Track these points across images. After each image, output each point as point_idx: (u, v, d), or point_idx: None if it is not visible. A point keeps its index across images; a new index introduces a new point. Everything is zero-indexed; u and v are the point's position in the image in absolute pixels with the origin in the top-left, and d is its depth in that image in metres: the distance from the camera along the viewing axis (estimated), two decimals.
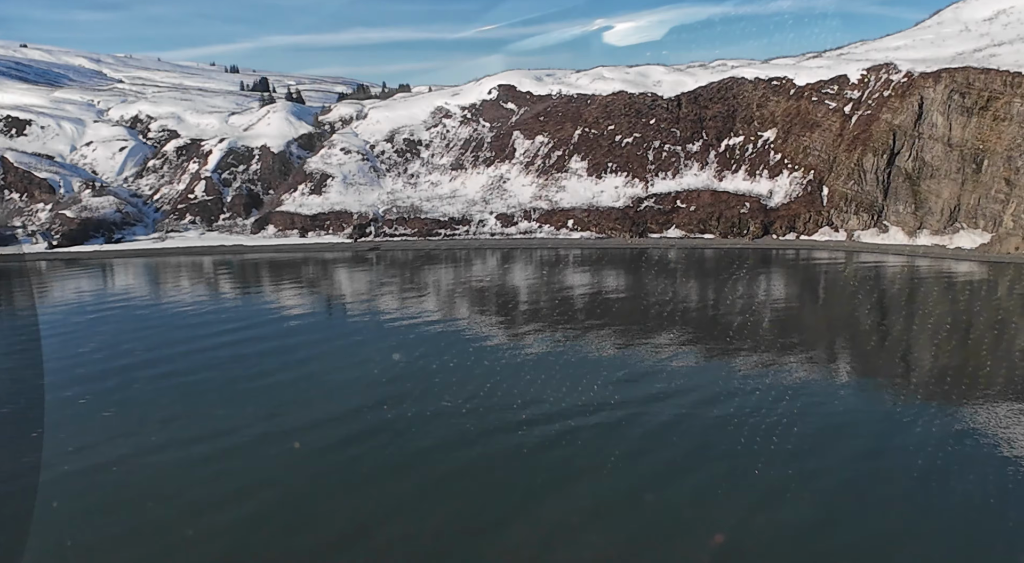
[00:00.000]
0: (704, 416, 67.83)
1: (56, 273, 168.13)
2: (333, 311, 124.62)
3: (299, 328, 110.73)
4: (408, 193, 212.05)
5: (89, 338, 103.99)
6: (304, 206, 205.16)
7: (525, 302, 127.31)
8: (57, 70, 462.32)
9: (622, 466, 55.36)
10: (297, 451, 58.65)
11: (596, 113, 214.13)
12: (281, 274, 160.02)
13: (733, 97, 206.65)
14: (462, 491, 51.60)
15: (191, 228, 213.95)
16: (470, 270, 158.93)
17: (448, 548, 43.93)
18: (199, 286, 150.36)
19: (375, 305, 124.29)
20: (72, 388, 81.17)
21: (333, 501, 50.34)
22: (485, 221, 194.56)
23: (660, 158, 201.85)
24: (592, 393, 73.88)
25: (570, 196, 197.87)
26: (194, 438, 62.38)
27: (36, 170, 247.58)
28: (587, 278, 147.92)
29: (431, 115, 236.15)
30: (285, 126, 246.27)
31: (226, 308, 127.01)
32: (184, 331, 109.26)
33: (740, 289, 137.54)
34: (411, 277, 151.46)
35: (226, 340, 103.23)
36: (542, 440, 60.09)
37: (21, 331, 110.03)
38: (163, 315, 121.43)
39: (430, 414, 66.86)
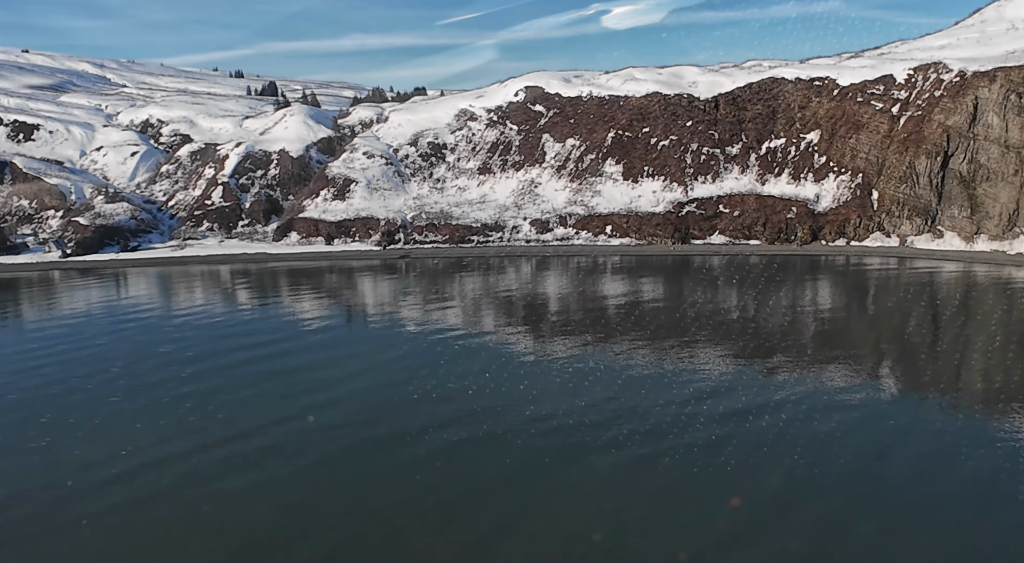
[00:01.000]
0: (747, 433, 63.81)
1: (70, 283, 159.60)
2: (371, 324, 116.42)
3: (335, 340, 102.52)
4: (435, 198, 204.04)
5: (115, 354, 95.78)
6: (328, 212, 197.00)
7: (565, 314, 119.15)
8: (61, 74, 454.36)
9: (688, 487, 50.89)
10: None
11: (629, 115, 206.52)
12: (310, 283, 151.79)
13: (773, 98, 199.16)
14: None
15: (209, 235, 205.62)
16: (508, 279, 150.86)
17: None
18: (225, 297, 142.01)
19: (413, 317, 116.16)
20: (100, 414, 73.18)
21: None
22: (519, 227, 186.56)
23: (699, 161, 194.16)
24: (653, 418, 66.51)
25: (606, 201, 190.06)
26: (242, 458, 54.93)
27: (46, 176, 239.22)
28: (627, 287, 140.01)
29: (455, 118, 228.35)
30: (303, 130, 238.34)
31: (256, 320, 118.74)
32: (218, 342, 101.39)
33: (788, 298, 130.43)
34: (445, 287, 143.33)
35: (259, 353, 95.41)
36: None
37: (45, 344, 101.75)
38: (195, 327, 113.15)
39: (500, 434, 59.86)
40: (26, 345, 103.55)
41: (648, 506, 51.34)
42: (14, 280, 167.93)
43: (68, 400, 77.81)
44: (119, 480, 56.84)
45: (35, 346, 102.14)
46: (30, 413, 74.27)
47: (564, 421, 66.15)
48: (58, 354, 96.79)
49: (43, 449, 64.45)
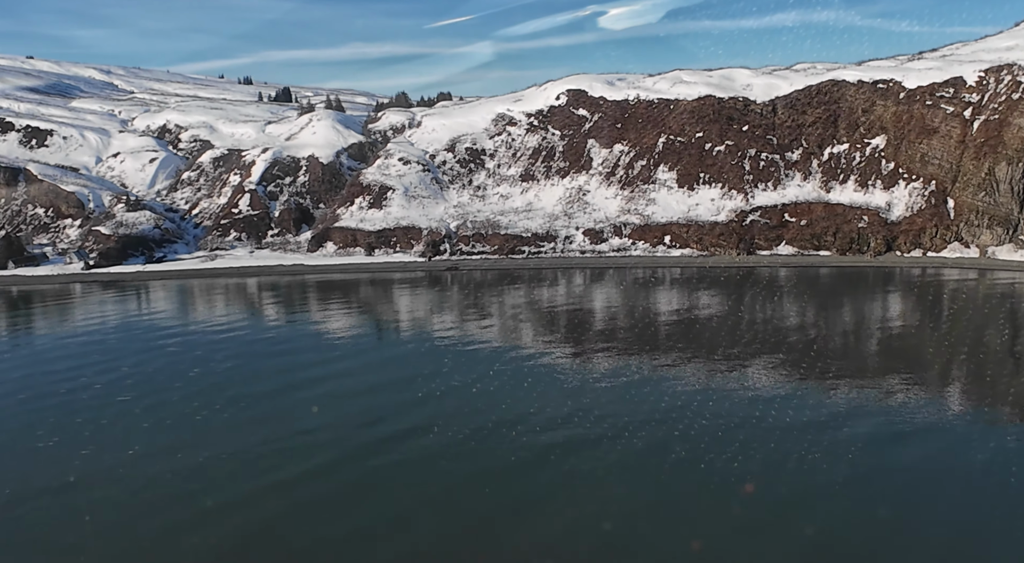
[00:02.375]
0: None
1: (99, 296, 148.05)
2: (427, 342, 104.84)
3: (392, 361, 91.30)
4: (477, 206, 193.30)
5: (155, 375, 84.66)
6: (366, 221, 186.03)
7: (623, 331, 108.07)
8: (68, 81, 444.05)
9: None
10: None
11: (681, 119, 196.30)
12: (357, 298, 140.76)
13: (834, 101, 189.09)
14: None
15: (237, 246, 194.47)
16: (566, 293, 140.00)
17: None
18: (270, 312, 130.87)
19: (477, 336, 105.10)
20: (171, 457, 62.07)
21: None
22: (572, 237, 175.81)
23: (758, 168, 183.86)
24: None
25: (662, 210, 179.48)
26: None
27: (62, 183, 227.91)
28: (685, 301, 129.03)
29: (492, 123, 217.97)
30: (332, 135, 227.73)
31: (305, 339, 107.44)
32: (262, 360, 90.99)
33: (857, 312, 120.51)
34: (503, 302, 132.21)
35: (317, 374, 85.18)
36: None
37: (78, 362, 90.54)
38: (241, 343, 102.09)
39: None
40: (59, 365, 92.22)
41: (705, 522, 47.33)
42: (36, 293, 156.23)
43: (105, 434, 66.78)
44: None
45: (68, 365, 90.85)
46: (62, 448, 63.31)
47: (610, 446, 61.37)
48: (96, 375, 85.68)
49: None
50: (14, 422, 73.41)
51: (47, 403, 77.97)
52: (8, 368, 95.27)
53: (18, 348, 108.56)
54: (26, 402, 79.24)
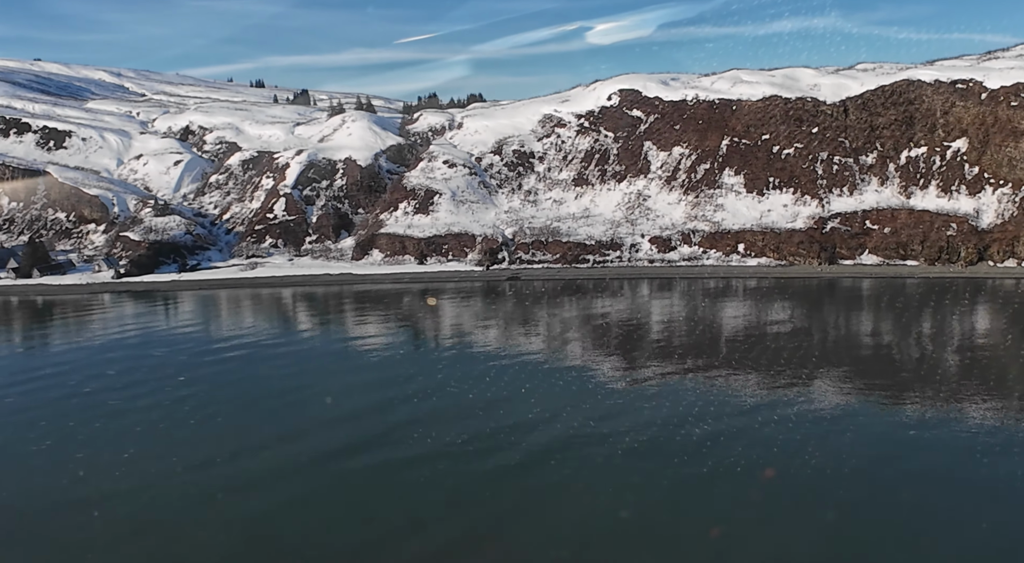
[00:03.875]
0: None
1: (128, 308, 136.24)
2: (508, 361, 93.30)
3: (481, 378, 79.80)
4: (530, 212, 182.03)
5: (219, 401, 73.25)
6: (413, 227, 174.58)
7: (711, 349, 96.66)
8: (78, 83, 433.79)
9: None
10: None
11: (746, 120, 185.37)
12: (418, 311, 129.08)
13: (909, 102, 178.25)
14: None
15: (275, 253, 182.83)
16: (639, 309, 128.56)
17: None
18: (328, 325, 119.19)
19: (565, 358, 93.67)
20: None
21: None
22: (638, 245, 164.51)
23: (830, 172, 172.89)
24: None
25: (732, 216, 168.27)
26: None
27: (83, 186, 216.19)
28: (759, 313, 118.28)
29: (539, 124, 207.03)
30: (369, 137, 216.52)
31: (380, 354, 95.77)
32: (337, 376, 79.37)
33: (940, 327, 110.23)
34: (586, 321, 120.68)
35: (404, 392, 73.69)
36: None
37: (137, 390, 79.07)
38: (340, 355, 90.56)
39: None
40: (106, 395, 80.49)
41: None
42: (65, 303, 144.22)
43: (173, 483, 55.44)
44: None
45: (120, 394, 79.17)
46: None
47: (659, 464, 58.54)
48: (160, 389, 74.04)
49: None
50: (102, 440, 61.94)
51: (123, 422, 66.54)
52: (73, 384, 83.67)
53: (71, 367, 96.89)
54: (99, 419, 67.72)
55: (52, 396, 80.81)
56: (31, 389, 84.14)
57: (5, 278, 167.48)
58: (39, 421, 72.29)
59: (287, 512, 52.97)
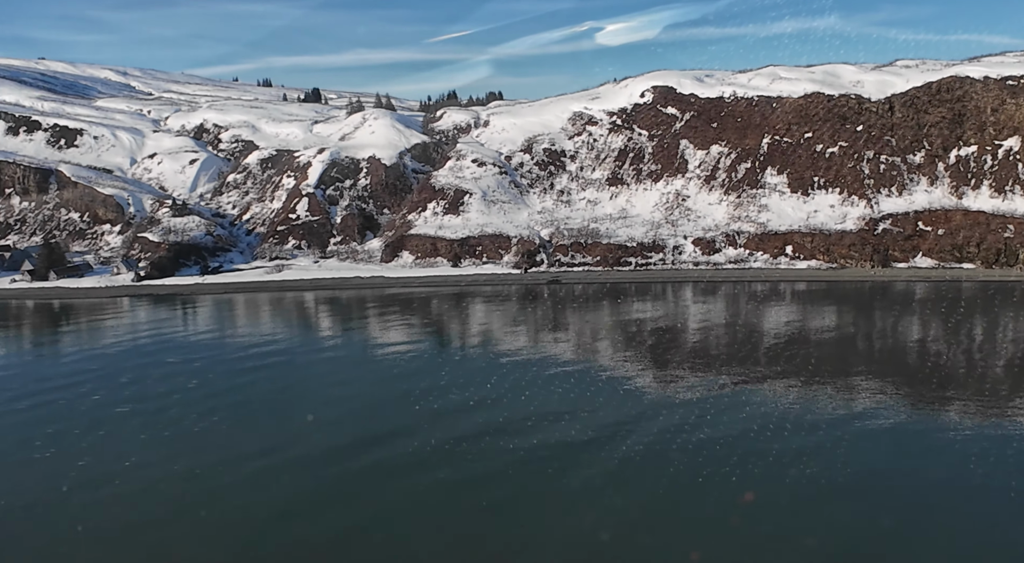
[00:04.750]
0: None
1: (152, 312, 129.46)
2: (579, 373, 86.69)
3: (539, 386, 73.42)
4: (564, 212, 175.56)
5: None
6: (444, 228, 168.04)
7: (762, 359, 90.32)
8: (84, 82, 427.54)
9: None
10: None
11: (787, 118, 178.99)
12: (459, 315, 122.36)
13: (958, 100, 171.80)
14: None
15: (299, 254, 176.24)
16: (690, 315, 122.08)
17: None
18: (368, 332, 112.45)
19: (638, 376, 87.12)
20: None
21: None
22: (681, 247, 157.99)
23: (877, 171, 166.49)
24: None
25: (777, 217, 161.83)
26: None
27: (98, 185, 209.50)
28: (807, 319, 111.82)
29: (570, 122, 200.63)
30: (393, 135, 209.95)
31: (423, 360, 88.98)
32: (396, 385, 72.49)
33: (992, 334, 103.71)
34: (638, 328, 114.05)
35: (457, 400, 67.00)
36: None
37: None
38: (384, 363, 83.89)
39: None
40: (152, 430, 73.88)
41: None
42: (84, 307, 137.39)
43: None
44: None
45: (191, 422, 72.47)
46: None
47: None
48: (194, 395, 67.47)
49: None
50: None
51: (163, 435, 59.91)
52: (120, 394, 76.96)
53: (108, 372, 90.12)
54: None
55: (80, 408, 74.13)
56: (47, 400, 77.44)
57: (20, 281, 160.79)
58: (65, 433, 65.65)
59: (374, 530, 47.65)
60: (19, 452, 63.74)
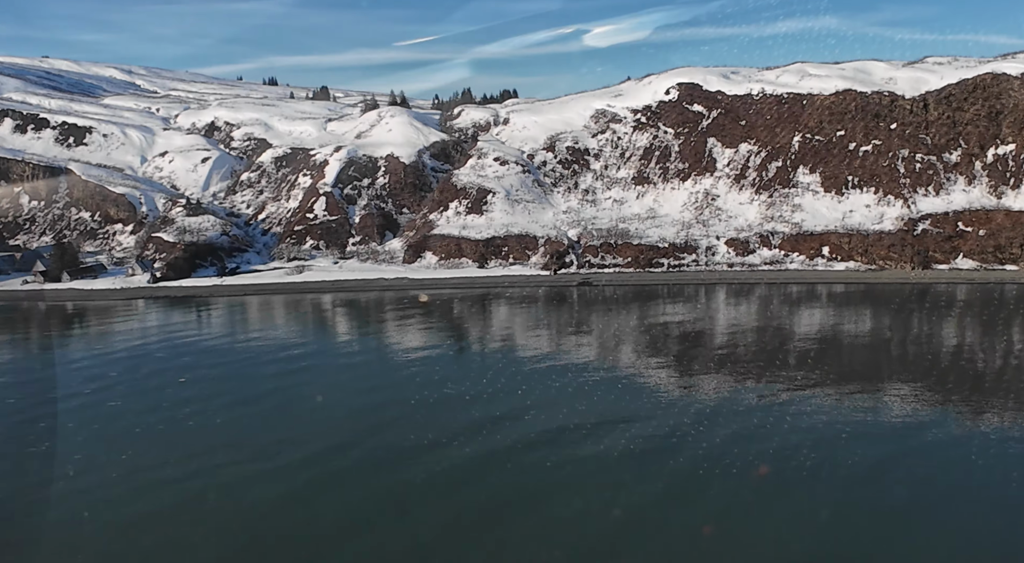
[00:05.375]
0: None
1: (167, 315, 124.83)
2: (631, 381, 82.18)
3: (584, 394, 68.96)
4: (591, 212, 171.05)
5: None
6: (468, 228, 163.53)
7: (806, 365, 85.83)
8: (89, 80, 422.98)
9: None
10: None
11: (818, 116, 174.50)
12: (490, 319, 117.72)
13: (994, 97, 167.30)
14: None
15: (317, 255, 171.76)
16: (728, 320, 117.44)
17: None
18: (404, 339, 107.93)
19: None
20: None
21: None
22: (714, 248, 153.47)
23: (913, 170, 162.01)
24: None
25: (811, 217, 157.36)
26: None
27: (109, 184, 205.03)
28: (844, 324, 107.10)
29: (592, 119, 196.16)
30: (411, 133, 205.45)
31: (458, 366, 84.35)
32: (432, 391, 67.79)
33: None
34: (686, 333, 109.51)
35: (497, 411, 62.29)
36: None
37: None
38: (417, 367, 79.28)
39: None
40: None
41: None
42: (101, 310, 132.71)
43: None
44: None
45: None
46: None
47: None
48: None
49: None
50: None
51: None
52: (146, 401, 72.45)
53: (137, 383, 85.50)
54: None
55: (100, 415, 69.57)
56: (67, 408, 72.89)
57: (33, 282, 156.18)
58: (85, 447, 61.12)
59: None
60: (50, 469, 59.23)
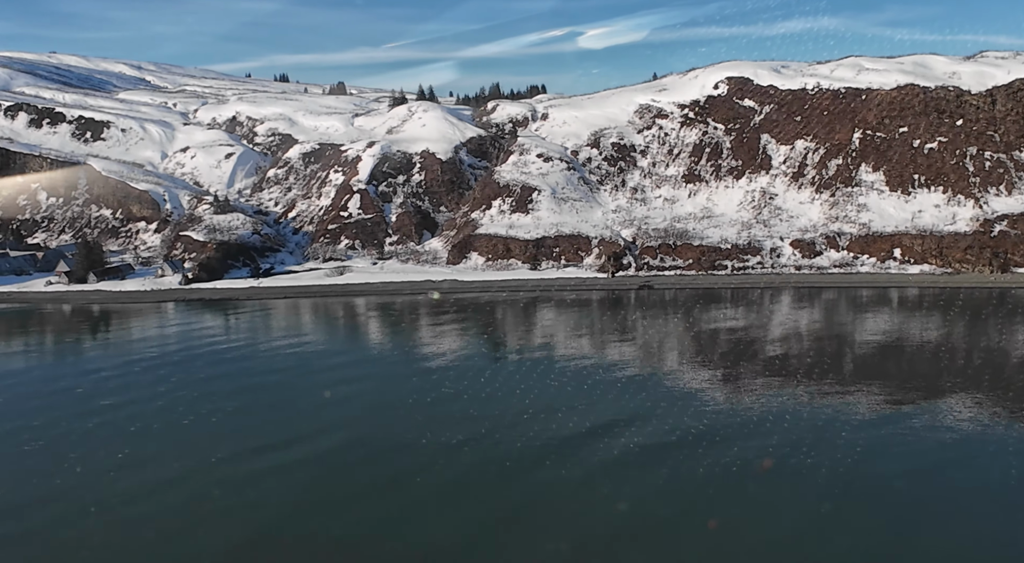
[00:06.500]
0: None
1: (210, 320, 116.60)
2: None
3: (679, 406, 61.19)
4: (641, 211, 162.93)
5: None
6: (516, 228, 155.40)
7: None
8: (99, 76, 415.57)
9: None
10: None
11: (879, 111, 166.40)
12: (563, 325, 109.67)
13: None
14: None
15: (353, 255, 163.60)
16: (829, 330, 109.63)
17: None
18: (479, 348, 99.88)
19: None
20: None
21: None
22: (779, 249, 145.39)
23: (983, 168, 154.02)
24: None
25: (879, 218, 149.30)
26: None
27: (131, 180, 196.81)
28: (958, 331, 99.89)
29: (637, 115, 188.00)
30: (446, 128, 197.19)
31: (556, 378, 76.46)
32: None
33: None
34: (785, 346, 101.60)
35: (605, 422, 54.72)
36: None
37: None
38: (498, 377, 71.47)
39: None
40: None
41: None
42: (129, 312, 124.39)
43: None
44: None
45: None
46: None
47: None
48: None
49: None
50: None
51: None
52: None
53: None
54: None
55: (150, 425, 61.49)
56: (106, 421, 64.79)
57: (57, 283, 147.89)
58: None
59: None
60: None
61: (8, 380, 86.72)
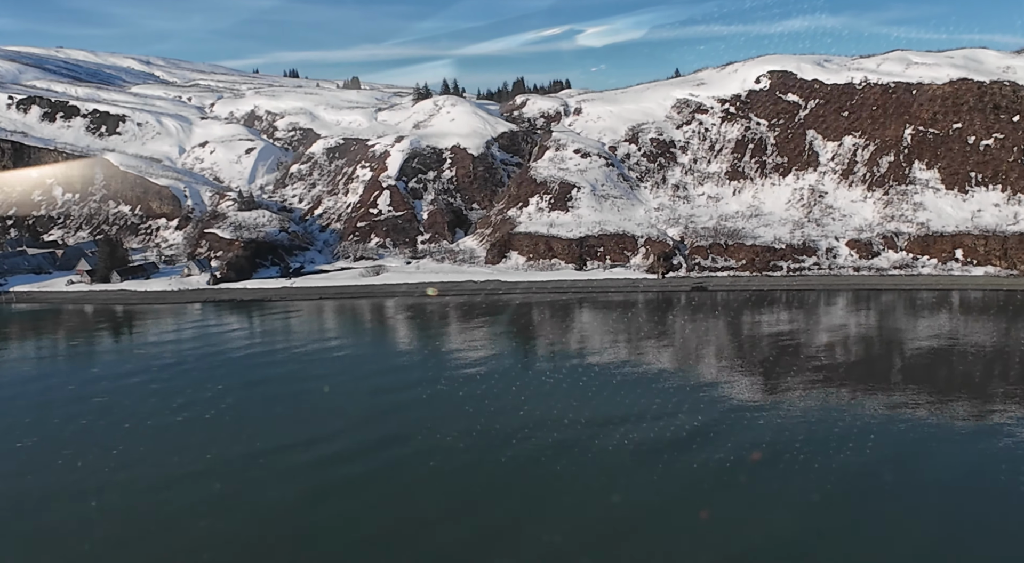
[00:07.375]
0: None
1: (250, 324, 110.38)
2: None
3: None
4: (685, 209, 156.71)
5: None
6: (557, 226, 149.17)
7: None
8: (108, 70, 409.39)
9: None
10: None
11: (932, 107, 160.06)
12: (636, 332, 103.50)
13: None
14: None
15: (385, 254, 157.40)
16: (902, 340, 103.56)
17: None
18: (534, 353, 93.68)
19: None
20: None
21: None
22: (835, 250, 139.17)
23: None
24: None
25: (936, 217, 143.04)
26: None
27: (150, 176, 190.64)
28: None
29: (675, 110, 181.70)
30: (477, 122, 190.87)
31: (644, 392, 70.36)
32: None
33: None
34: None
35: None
36: None
37: None
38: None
39: None
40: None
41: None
42: (153, 312, 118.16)
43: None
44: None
45: None
46: None
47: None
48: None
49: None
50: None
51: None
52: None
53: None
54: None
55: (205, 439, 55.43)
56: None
57: (79, 283, 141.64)
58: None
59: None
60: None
61: (109, 383, 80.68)
